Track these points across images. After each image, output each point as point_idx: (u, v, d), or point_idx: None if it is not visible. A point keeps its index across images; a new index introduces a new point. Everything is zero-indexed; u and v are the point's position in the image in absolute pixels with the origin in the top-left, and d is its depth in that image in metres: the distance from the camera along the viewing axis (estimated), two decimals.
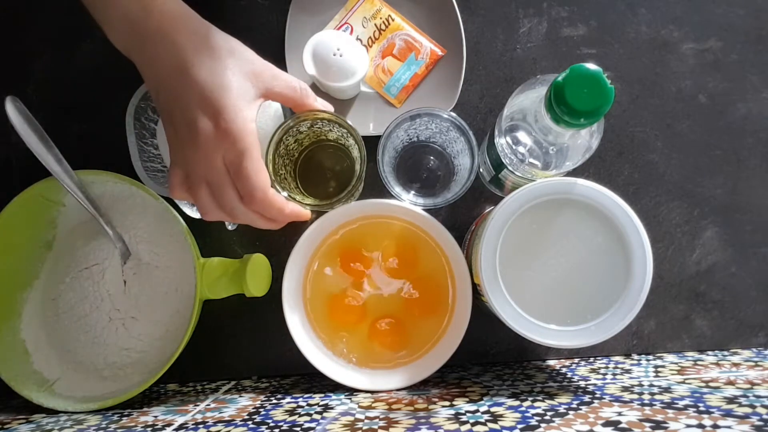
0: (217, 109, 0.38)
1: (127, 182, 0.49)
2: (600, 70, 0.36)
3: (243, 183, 0.39)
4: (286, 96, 0.43)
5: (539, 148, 0.42)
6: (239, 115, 0.39)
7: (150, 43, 0.39)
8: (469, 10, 0.55)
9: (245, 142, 0.39)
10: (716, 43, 0.56)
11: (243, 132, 0.38)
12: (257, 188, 0.39)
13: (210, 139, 0.38)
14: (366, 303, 0.50)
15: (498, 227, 0.42)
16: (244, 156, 0.39)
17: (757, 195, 0.55)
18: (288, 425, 0.40)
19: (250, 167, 0.39)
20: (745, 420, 0.34)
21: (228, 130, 0.38)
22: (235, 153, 0.38)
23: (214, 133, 0.38)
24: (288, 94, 0.42)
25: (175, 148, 0.40)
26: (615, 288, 0.41)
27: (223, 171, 0.39)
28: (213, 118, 0.38)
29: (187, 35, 0.39)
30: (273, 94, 0.42)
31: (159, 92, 0.40)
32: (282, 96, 0.42)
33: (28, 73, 0.54)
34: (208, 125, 0.38)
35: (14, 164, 0.54)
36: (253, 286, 0.48)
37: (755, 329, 0.54)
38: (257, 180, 0.39)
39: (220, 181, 0.39)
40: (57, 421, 0.45)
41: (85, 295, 0.51)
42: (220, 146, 0.38)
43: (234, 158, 0.39)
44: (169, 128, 0.40)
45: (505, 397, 0.43)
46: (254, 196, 0.39)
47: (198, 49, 0.39)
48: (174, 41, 0.38)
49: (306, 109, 0.44)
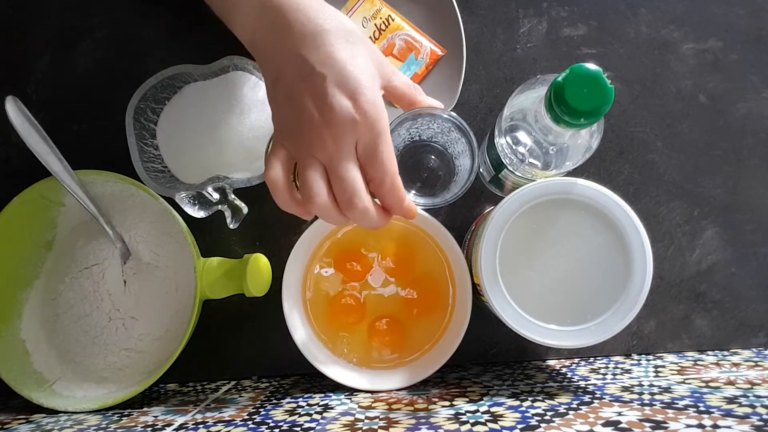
0: (356, 88, 0.37)
1: (127, 182, 0.49)
2: (600, 70, 0.36)
3: (377, 167, 0.38)
4: (401, 92, 0.42)
5: (539, 148, 0.42)
6: (377, 97, 0.38)
7: (283, 13, 0.38)
8: (469, 10, 0.55)
9: (382, 125, 0.37)
10: (716, 43, 0.56)
11: (382, 114, 0.37)
12: (389, 173, 0.38)
13: (346, 119, 0.36)
14: (366, 303, 0.50)
15: (498, 227, 0.42)
16: (381, 138, 0.37)
17: (757, 195, 0.55)
18: (288, 425, 0.40)
19: (386, 151, 0.38)
20: (745, 420, 0.34)
21: (367, 111, 0.37)
22: (372, 135, 0.37)
23: (353, 112, 0.37)
24: (404, 90, 0.42)
25: (290, 127, 0.39)
26: (615, 288, 0.41)
27: (352, 153, 0.37)
28: (352, 98, 0.37)
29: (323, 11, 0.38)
30: (390, 88, 0.41)
31: (284, 72, 0.38)
32: (398, 91, 0.42)
33: (28, 73, 0.54)
34: (347, 104, 0.37)
35: (14, 164, 0.54)
36: (253, 286, 0.48)
37: (755, 329, 0.54)
38: (391, 165, 0.38)
39: (346, 164, 0.37)
40: (57, 421, 0.45)
41: (85, 295, 0.51)
42: (355, 127, 0.37)
43: (370, 140, 0.37)
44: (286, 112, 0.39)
45: (505, 397, 0.43)
46: (384, 181, 0.38)
47: (336, 27, 0.38)
48: (308, 15, 0.38)
49: (417, 107, 0.43)
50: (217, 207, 0.50)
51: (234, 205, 0.50)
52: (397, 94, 0.42)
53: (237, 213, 0.50)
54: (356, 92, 0.37)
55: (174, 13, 0.55)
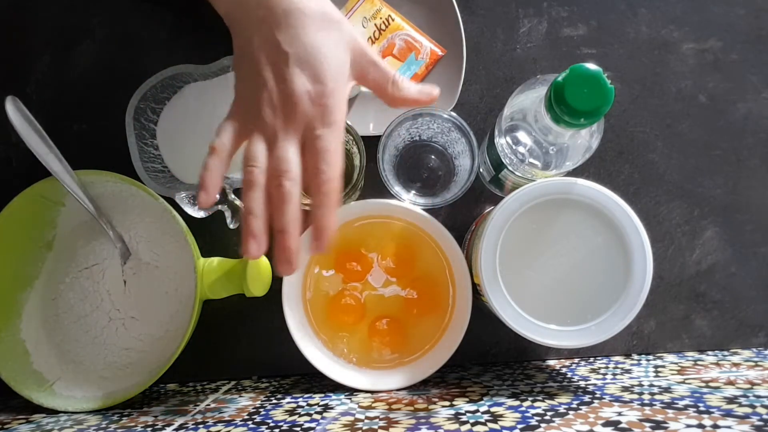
0: (319, 73, 0.36)
1: (127, 182, 0.49)
2: (600, 70, 0.36)
3: (319, 155, 0.36)
4: (376, 85, 0.41)
5: (539, 148, 0.42)
6: (339, 88, 0.37)
7: None
8: (469, 10, 0.55)
9: (335, 117, 0.37)
10: (716, 43, 0.56)
11: (337, 106, 0.37)
12: (331, 166, 0.36)
13: (301, 99, 0.36)
14: (366, 303, 0.50)
15: (498, 227, 0.42)
16: (331, 129, 0.37)
17: (757, 195, 0.55)
18: (288, 425, 0.40)
19: (333, 144, 0.37)
20: (745, 420, 0.34)
21: (325, 96, 0.36)
22: (323, 122, 0.37)
23: (311, 94, 0.36)
24: (379, 83, 0.40)
25: (247, 98, 0.38)
26: (615, 288, 0.41)
27: (297, 136, 0.37)
28: (312, 80, 0.36)
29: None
30: (365, 80, 0.40)
31: (251, 42, 0.38)
32: (372, 84, 0.41)
33: (28, 73, 0.54)
34: (306, 85, 0.36)
35: (14, 164, 0.54)
36: (253, 286, 0.48)
37: (755, 329, 0.54)
38: (336, 161, 0.37)
39: (287, 143, 0.37)
40: (57, 421, 0.45)
41: (85, 295, 0.51)
42: (309, 110, 0.36)
43: (320, 127, 0.37)
44: (247, 80, 0.38)
45: (505, 397, 0.43)
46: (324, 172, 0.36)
47: (312, 8, 0.37)
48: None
49: (398, 103, 0.41)
50: (217, 207, 0.50)
51: (234, 205, 0.50)
52: (370, 85, 0.41)
53: (237, 213, 0.50)
54: (318, 77, 0.37)
55: (174, 13, 0.55)
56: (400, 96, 0.41)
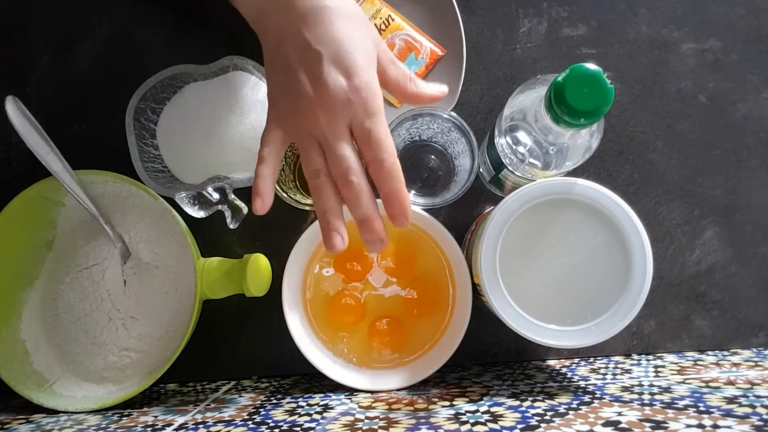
0: (352, 66, 0.37)
1: (127, 182, 0.49)
2: (600, 70, 0.36)
3: (374, 145, 0.37)
4: (395, 81, 0.41)
5: (539, 148, 0.42)
6: (373, 78, 0.37)
7: None
8: (469, 10, 0.55)
9: (377, 105, 0.37)
10: (716, 43, 0.56)
11: (376, 95, 0.37)
12: (388, 152, 0.37)
13: (340, 97, 0.36)
14: (366, 303, 0.50)
15: (498, 227, 0.42)
16: (375, 118, 0.37)
17: (757, 195, 0.55)
18: (288, 425, 0.40)
19: (382, 130, 0.37)
20: (745, 420, 0.34)
21: (361, 89, 0.36)
22: (366, 113, 0.37)
23: (347, 90, 0.36)
24: (398, 79, 0.41)
25: (285, 105, 0.39)
26: (615, 288, 0.41)
27: (345, 131, 0.37)
28: (346, 76, 0.36)
29: None
30: (385, 75, 0.40)
31: (282, 45, 0.38)
32: (392, 80, 0.41)
33: (28, 73, 0.54)
34: (341, 82, 0.36)
35: (14, 164, 0.54)
36: (253, 286, 0.48)
37: (755, 329, 0.54)
38: (388, 144, 0.37)
39: (340, 139, 0.37)
40: (57, 421, 0.45)
41: (85, 295, 0.51)
42: (349, 106, 0.36)
43: (365, 119, 0.37)
44: (281, 84, 0.38)
45: (505, 397, 0.43)
46: (384, 160, 0.37)
47: (337, 5, 0.38)
48: None
49: (412, 99, 0.42)
50: (217, 207, 0.50)
51: (234, 205, 0.50)
52: (391, 83, 0.41)
53: (237, 213, 0.50)
54: (351, 71, 0.37)
55: (174, 13, 0.55)
56: (419, 93, 0.42)
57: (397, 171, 0.37)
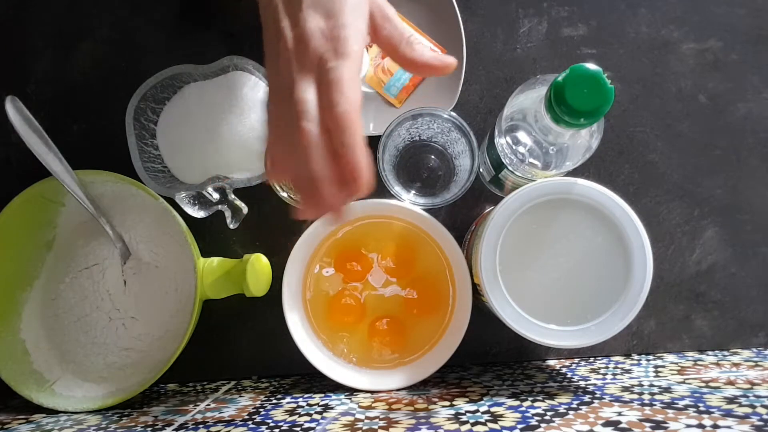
0: (332, 9, 0.34)
1: (127, 182, 0.49)
2: (600, 70, 0.36)
3: (331, 88, 0.33)
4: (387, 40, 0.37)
5: (539, 148, 0.42)
6: (355, 22, 0.35)
7: None
8: (469, 10, 0.55)
9: (351, 47, 0.34)
10: (716, 43, 0.56)
11: (354, 37, 0.34)
12: (346, 97, 0.32)
13: (314, 36, 0.34)
14: (366, 303, 0.50)
15: (498, 227, 0.42)
16: (345, 59, 0.33)
17: (757, 195, 0.55)
18: (288, 425, 0.40)
19: (346, 74, 0.33)
20: (745, 420, 0.34)
21: (338, 28, 0.34)
22: (335, 54, 0.33)
23: (323, 29, 0.34)
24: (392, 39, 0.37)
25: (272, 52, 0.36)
26: (615, 288, 0.41)
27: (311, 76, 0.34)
28: (326, 17, 0.34)
29: None
30: (378, 36, 0.37)
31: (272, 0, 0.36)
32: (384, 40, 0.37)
33: (28, 73, 0.54)
34: (318, 23, 0.34)
35: (14, 164, 0.54)
36: (253, 286, 0.48)
37: (755, 329, 0.54)
38: (351, 91, 0.33)
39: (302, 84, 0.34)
40: (57, 421, 0.45)
41: (85, 295, 0.51)
42: (323, 46, 0.34)
43: (332, 59, 0.33)
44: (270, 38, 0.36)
45: (505, 397, 0.43)
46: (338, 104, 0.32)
47: None
48: None
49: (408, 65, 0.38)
50: (217, 207, 0.50)
51: (234, 205, 0.50)
52: (382, 41, 0.38)
53: (237, 213, 0.50)
54: (331, 13, 0.35)
55: (174, 13, 0.55)
56: (412, 56, 0.37)
57: (351, 121, 0.32)
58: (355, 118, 0.33)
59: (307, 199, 0.35)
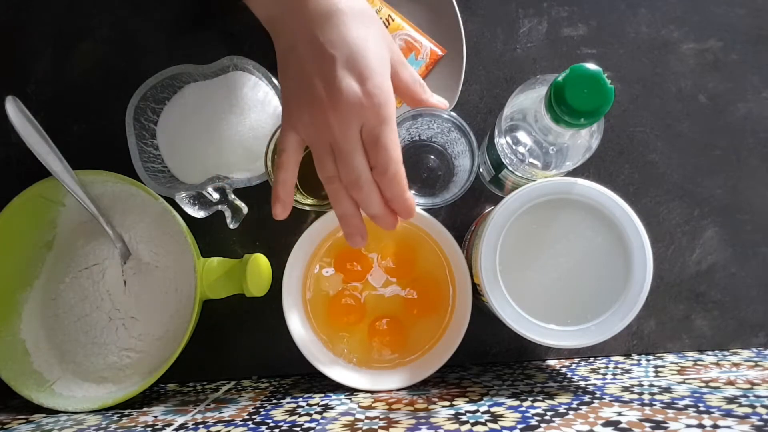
0: (365, 71, 0.37)
1: (127, 182, 0.49)
2: (600, 70, 0.36)
3: (381, 152, 0.37)
4: (405, 85, 0.41)
5: (539, 148, 0.42)
6: (386, 82, 0.37)
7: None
8: (469, 10, 0.55)
9: (389, 111, 0.37)
10: (716, 43, 0.56)
11: (389, 99, 0.37)
12: (393, 159, 0.37)
13: (353, 102, 0.36)
14: (366, 303, 0.50)
15: (498, 227, 0.42)
16: (386, 124, 0.37)
17: (757, 195, 0.55)
18: (288, 425, 0.40)
19: (390, 137, 0.37)
20: (745, 420, 0.34)
21: (374, 95, 0.36)
22: (378, 120, 0.37)
23: (360, 95, 0.36)
24: (408, 84, 0.41)
25: (298, 109, 0.39)
26: (615, 288, 0.41)
27: (357, 137, 0.37)
28: (359, 80, 0.36)
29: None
30: (396, 80, 0.40)
31: (296, 48, 0.38)
32: (402, 84, 0.41)
33: (28, 73, 0.54)
34: (354, 86, 0.36)
35: (14, 164, 0.54)
36: (253, 286, 0.48)
37: (755, 329, 0.54)
38: (395, 151, 0.37)
39: (351, 147, 0.37)
40: (57, 421, 0.45)
41: (85, 295, 0.51)
42: (362, 110, 0.36)
43: (376, 125, 0.37)
44: (295, 88, 0.38)
45: (505, 397, 0.43)
46: (388, 167, 0.37)
47: (350, 6, 0.38)
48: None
49: (421, 105, 0.43)
50: (217, 207, 0.50)
51: (234, 205, 0.50)
52: (401, 86, 0.41)
53: (237, 213, 0.50)
54: (364, 75, 0.37)
55: (174, 13, 0.55)
56: (426, 99, 0.43)
57: (400, 178, 0.38)
58: (402, 173, 0.38)
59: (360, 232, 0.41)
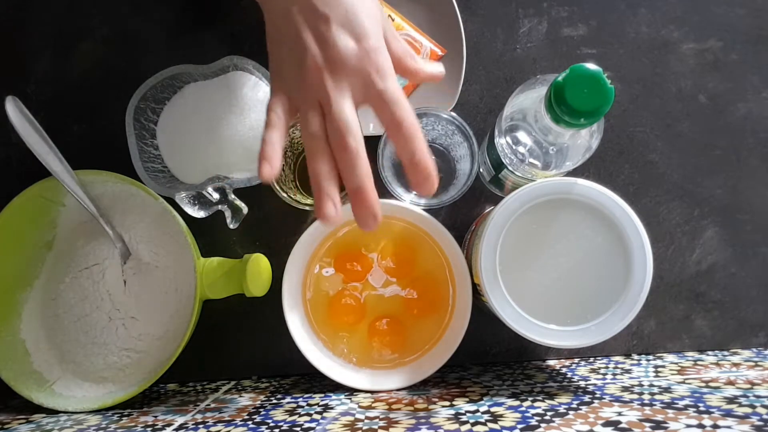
0: (361, 30, 0.36)
1: (127, 182, 0.49)
2: (600, 70, 0.36)
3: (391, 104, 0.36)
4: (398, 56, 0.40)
5: (539, 148, 0.42)
6: (382, 41, 0.37)
7: None
8: (469, 10, 0.55)
9: (390, 67, 0.36)
10: (716, 43, 0.56)
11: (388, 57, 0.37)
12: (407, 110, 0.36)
13: (350, 59, 0.36)
14: (366, 303, 0.50)
15: (498, 227, 0.42)
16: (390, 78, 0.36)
17: (757, 195, 0.55)
18: (288, 425, 0.40)
19: (398, 89, 0.36)
20: (745, 420, 0.34)
21: (372, 51, 0.36)
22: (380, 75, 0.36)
23: (357, 53, 0.36)
24: (401, 54, 0.40)
25: (290, 71, 0.38)
26: (615, 288, 0.41)
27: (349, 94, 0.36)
28: (356, 39, 0.36)
29: None
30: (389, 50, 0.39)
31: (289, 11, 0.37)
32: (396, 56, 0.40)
33: (28, 73, 0.54)
34: (351, 44, 0.36)
35: (14, 164, 0.54)
36: (253, 286, 0.48)
37: (755, 329, 0.54)
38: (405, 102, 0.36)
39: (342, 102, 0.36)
40: (57, 421, 0.45)
41: (85, 295, 0.51)
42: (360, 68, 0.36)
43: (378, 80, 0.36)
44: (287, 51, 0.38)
45: (505, 397, 0.43)
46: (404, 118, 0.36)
47: None
48: None
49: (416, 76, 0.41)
50: (217, 207, 0.50)
51: (234, 205, 0.50)
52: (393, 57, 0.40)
53: (237, 213, 0.50)
54: (360, 35, 0.36)
55: (174, 13, 0.55)
56: (419, 68, 0.41)
57: (417, 130, 0.36)
58: (418, 126, 0.36)
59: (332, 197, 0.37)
